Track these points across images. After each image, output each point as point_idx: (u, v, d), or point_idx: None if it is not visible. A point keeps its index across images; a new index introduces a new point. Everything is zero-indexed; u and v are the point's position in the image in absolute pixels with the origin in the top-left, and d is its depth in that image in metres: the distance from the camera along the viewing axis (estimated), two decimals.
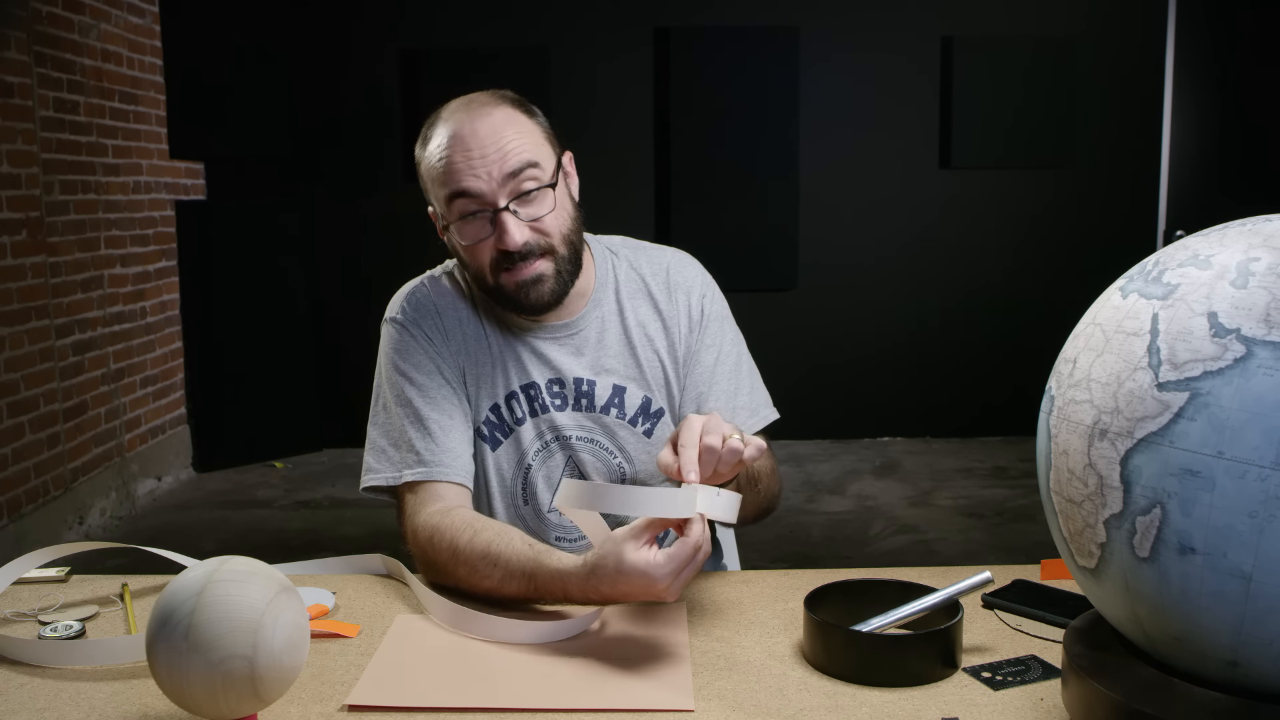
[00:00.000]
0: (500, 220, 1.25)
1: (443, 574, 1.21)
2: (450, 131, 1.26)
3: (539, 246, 1.27)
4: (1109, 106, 4.95)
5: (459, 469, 1.30)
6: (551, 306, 1.32)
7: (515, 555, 1.15)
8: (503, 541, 1.17)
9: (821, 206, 4.96)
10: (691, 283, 1.42)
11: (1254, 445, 0.70)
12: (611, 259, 1.43)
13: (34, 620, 1.15)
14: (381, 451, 1.33)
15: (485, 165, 1.24)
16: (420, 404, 1.32)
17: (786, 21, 4.84)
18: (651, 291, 1.41)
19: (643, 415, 1.38)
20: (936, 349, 5.03)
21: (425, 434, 1.30)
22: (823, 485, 4.38)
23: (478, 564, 1.17)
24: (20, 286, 3.57)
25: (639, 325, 1.40)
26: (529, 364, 1.36)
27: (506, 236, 1.24)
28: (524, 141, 1.26)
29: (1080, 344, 0.84)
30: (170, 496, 4.43)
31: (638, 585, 1.04)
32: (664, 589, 1.03)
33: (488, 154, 1.24)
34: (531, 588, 1.14)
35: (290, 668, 0.87)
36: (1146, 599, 0.77)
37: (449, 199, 1.26)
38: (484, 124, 1.25)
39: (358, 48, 4.83)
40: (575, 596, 1.12)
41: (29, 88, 3.65)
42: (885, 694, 0.95)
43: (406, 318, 1.36)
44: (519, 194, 1.25)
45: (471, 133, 1.25)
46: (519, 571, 1.15)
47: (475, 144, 1.24)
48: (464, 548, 1.18)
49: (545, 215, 1.27)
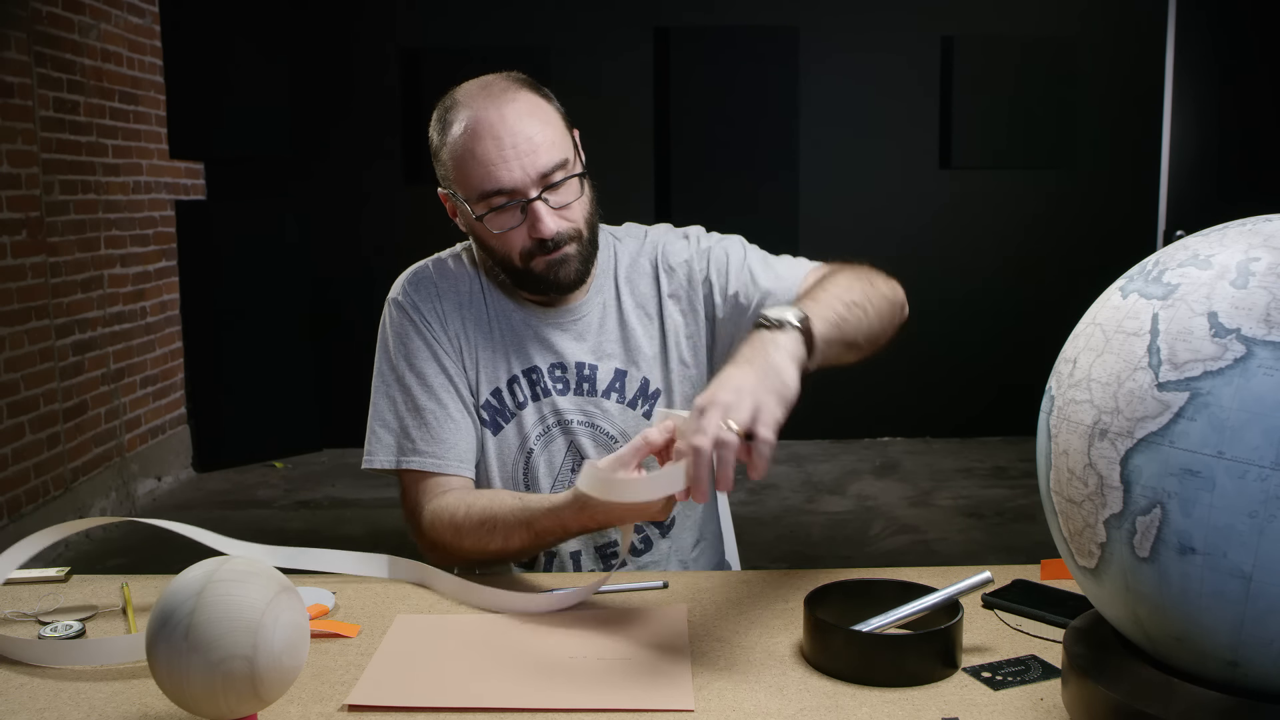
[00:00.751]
0: (533, 210, 1.26)
1: (453, 553, 1.26)
2: (475, 118, 1.26)
3: (568, 233, 1.29)
4: (1109, 106, 4.95)
5: (456, 459, 1.33)
6: (577, 286, 1.34)
7: (509, 511, 1.22)
8: (495, 503, 1.24)
9: (821, 206, 4.96)
10: (679, 248, 1.43)
11: (1254, 445, 0.70)
12: (614, 244, 1.44)
13: (34, 620, 1.15)
14: (380, 433, 1.36)
15: (518, 158, 1.24)
16: (418, 392, 1.34)
17: (786, 21, 4.84)
18: (655, 269, 1.42)
19: (641, 397, 1.39)
20: (936, 349, 5.03)
21: (422, 424, 1.33)
22: (823, 485, 4.38)
23: (478, 531, 1.23)
24: (20, 286, 3.57)
25: (637, 307, 1.41)
26: (531, 348, 1.37)
27: (541, 225, 1.25)
28: (551, 134, 1.27)
29: (1080, 344, 0.84)
30: (170, 496, 4.43)
31: (632, 510, 1.11)
32: (656, 510, 1.09)
33: (519, 145, 1.24)
34: (532, 535, 1.20)
35: (290, 668, 0.87)
36: (1146, 599, 0.77)
37: (481, 195, 1.26)
38: (510, 110, 1.25)
39: (358, 48, 4.83)
40: (573, 529, 1.19)
41: (29, 88, 3.65)
42: (885, 694, 0.95)
43: (407, 300, 1.37)
44: (549, 184, 1.26)
45: (500, 119, 1.24)
46: (516, 523, 1.21)
47: (506, 133, 1.24)
48: (462, 521, 1.25)
49: (573, 202, 1.29)
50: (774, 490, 4.32)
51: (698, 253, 1.42)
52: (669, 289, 1.41)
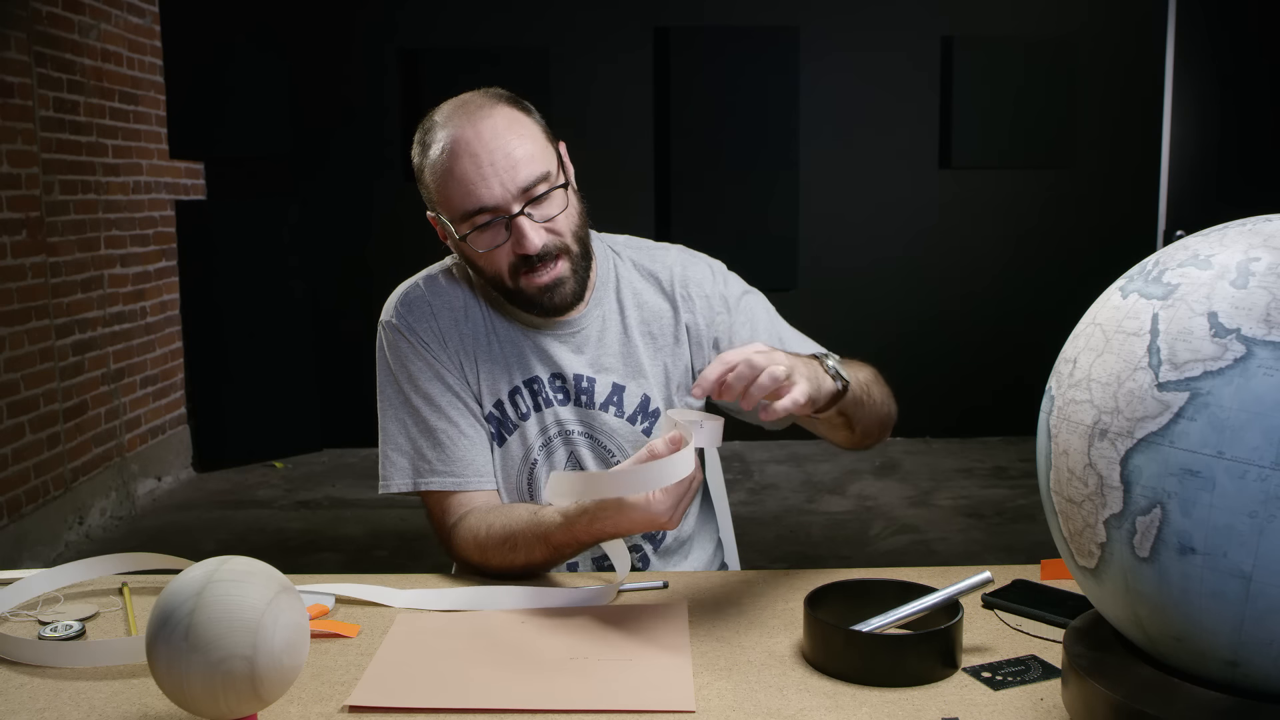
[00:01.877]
0: (517, 225, 1.24)
1: (483, 570, 1.28)
2: (452, 138, 1.24)
3: (555, 247, 1.28)
4: (1109, 106, 4.95)
5: (475, 474, 1.34)
6: (572, 306, 1.33)
7: (525, 527, 1.23)
8: (513, 519, 1.25)
9: (821, 206, 4.96)
10: (702, 278, 1.43)
11: (1254, 445, 0.70)
12: (614, 258, 1.43)
13: (34, 620, 1.15)
14: (394, 457, 1.35)
15: (496, 174, 1.23)
16: (427, 413, 1.33)
17: (786, 21, 4.84)
18: (668, 292, 1.41)
19: (641, 414, 1.38)
20: (936, 349, 5.03)
21: (436, 445, 1.33)
22: (823, 485, 4.38)
23: (501, 549, 1.24)
24: (20, 286, 3.57)
25: (642, 324, 1.40)
26: (531, 359, 1.37)
27: (525, 241, 1.24)
28: (530, 148, 1.25)
29: (1080, 344, 0.84)
30: (170, 496, 4.43)
31: (641, 520, 1.13)
32: (666, 520, 1.12)
33: (496, 161, 1.23)
34: (550, 548, 1.22)
35: (290, 668, 0.87)
36: (1146, 599, 0.77)
37: (463, 215, 1.25)
38: (486, 127, 1.24)
39: (358, 47, 4.83)
40: (585, 540, 1.20)
41: (29, 88, 3.65)
42: (885, 694, 0.95)
43: (402, 322, 1.36)
44: (532, 198, 1.25)
45: (475, 137, 1.23)
46: (534, 538, 1.22)
47: (483, 150, 1.23)
48: (485, 540, 1.26)
49: (558, 215, 1.27)
50: (774, 490, 4.32)
51: (725, 294, 1.42)
52: (684, 316, 1.41)
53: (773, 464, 4.66)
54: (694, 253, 1.47)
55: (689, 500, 1.13)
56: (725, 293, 1.42)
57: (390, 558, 3.56)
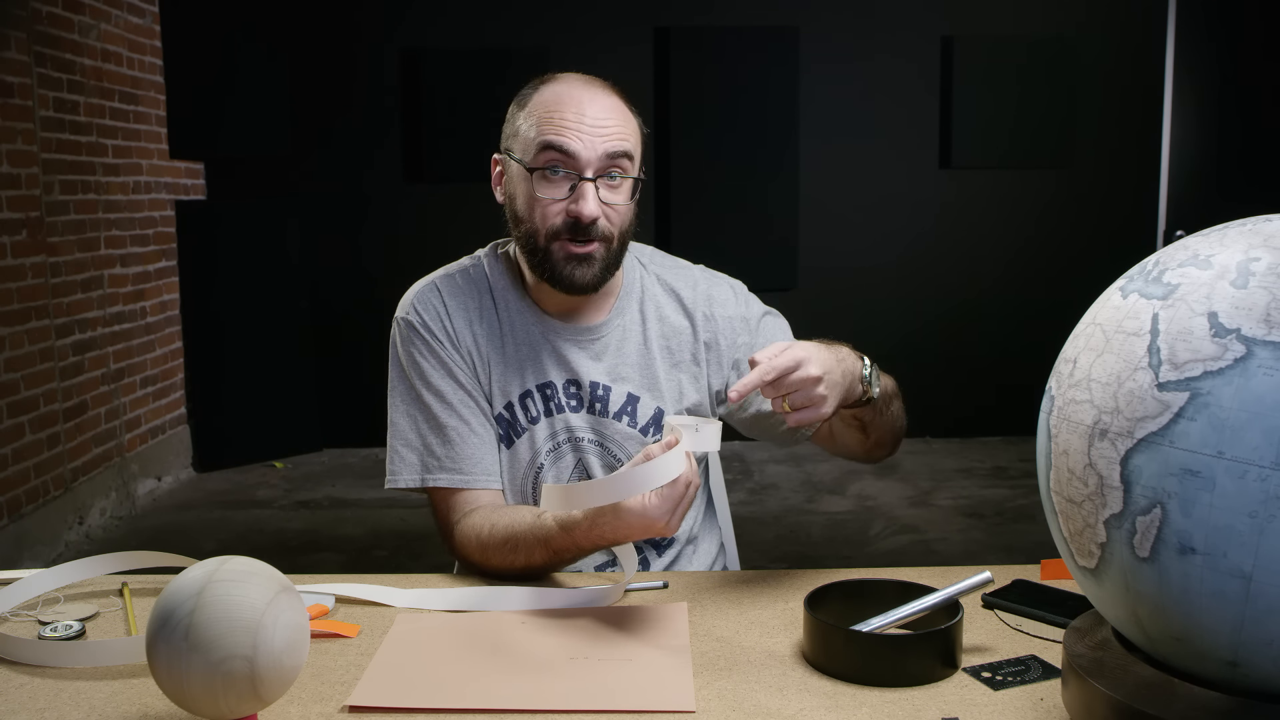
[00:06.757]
0: (582, 188, 1.27)
1: (484, 570, 1.28)
2: (567, 90, 1.29)
3: (603, 229, 1.29)
4: (1109, 106, 4.95)
5: (483, 473, 1.34)
6: (588, 290, 1.33)
7: (527, 529, 1.24)
8: (516, 521, 1.25)
9: (821, 206, 4.96)
10: (725, 299, 1.44)
11: (1254, 445, 0.70)
12: (640, 270, 1.44)
13: (34, 620, 1.15)
14: (403, 452, 1.36)
15: (590, 133, 1.26)
16: (438, 410, 1.34)
17: (786, 22, 4.84)
18: (689, 311, 1.42)
19: (654, 426, 1.38)
20: (936, 349, 5.03)
21: (445, 441, 1.33)
22: (823, 485, 4.38)
23: (502, 550, 1.25)
24: (20, 286, 3.57)
25: (661, 339, 1.40)
26: (547, 364, 1.37)
27: (584, 203, 1.26)
28: (625, 130, 1.30)
29: (1080, 344, 0.84)
30: (170, 496, 4.43)
31: (638, 527, 1.14)
32: (663, 526, 1.13)
33: (596, 119, 1.27)
34: (551, 553, 1.22)
35: (290, 668, 0.87)
36: (1146, 599, 0.77)
37: (542, 146, 1.27)
38: (601, 96, 1.30)
39: (358, 47, 4.83)
40: (585, 546, 1.21)
41: (29, 88, 3.65)
42: (885, 694, 0.95)
43: (416, 319, 1.37)
44: (606, 173, 1.28)
45: (590, 99, 1.28)
46: (535, 541, 1.22)
47: (589, 110, 1.27)
48: (487, 540, 1.26)
49: (619, 204, 1.30)
50: (774, 490, 4.32)
51: (746, 315, 1.43)
52: (704, 335, 1.42)
53: (773, 464, 4.66)
54: (716, 273, 1.48)
55: (687, 506, 1.13)
56: (746, 314, 1.44)
57: (390, 558, 3.56)
